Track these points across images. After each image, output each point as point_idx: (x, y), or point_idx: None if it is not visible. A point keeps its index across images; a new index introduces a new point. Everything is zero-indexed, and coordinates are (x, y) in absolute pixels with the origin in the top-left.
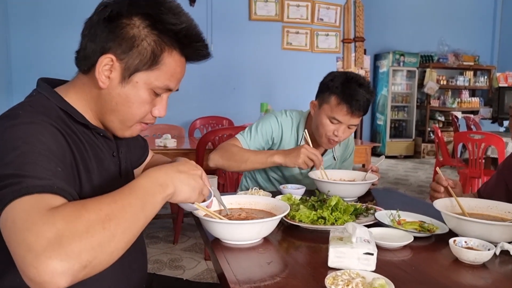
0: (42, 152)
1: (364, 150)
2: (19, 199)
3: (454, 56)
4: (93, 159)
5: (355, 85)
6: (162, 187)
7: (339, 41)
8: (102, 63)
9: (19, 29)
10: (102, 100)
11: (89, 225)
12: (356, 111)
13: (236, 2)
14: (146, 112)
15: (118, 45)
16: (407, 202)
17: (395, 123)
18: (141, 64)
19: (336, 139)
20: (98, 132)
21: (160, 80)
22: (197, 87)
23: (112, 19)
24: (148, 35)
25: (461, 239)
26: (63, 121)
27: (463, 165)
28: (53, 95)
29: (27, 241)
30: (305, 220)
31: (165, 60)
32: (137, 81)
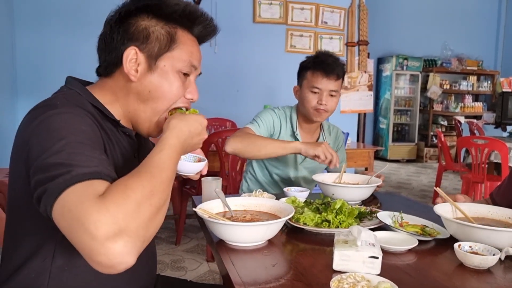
0: (85, 142)
1: (367, 153)
2: (72, 187)
3: (457, 61)
4: (120, 157)
5: (324, 55)
6: (176, 148)
7: (343, 44)
8: (127, 58)
9: (24, 29)
10: (135, 93)
11: (139, 203)
12: (331, 74)
13: (240, 5)
14: (179, 95)
15: (136, 39)
16: (411, 206)
17: (397, 127)
18: (162, 48)
19: (322, 107)
20: (125, 131)
21: (182, 58)
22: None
23: (122, 21)
24: (158, 22)
25: (465, 244)
26: (95, 117)
27: (466, 170)
28: (84, 92)
29: (88, 230)
30: (309, 223)
31: (181, 38)
32: (164, 64)
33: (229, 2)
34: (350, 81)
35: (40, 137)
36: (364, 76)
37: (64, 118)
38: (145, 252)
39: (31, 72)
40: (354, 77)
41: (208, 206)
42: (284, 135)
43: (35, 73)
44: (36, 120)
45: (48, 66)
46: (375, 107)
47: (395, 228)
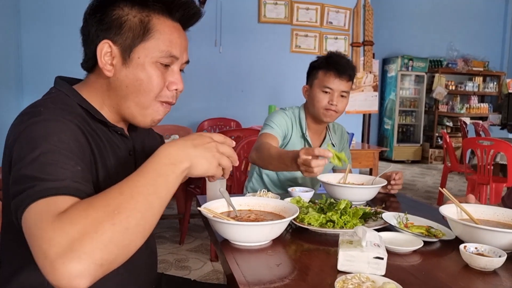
0: (61, 152)
1: (372, 154)
2: (35, 203)
3: (463, 62)
4: (112, 157)
5: (336, 56)
6: (175, 164)
7: (348, 44)
8: (101, 52)
9: (30, 27)
10: (114, 89)
11: (97, 223)
12: (343, 75)
13: (246, 4)
14: (159, 87)
15: (109, 30)
16: (416, 207)
17: (402, 127)
18: (135, 39)
19: (333, 107)
20: (116, 130)
21: (159, 48)
22: (205, 88)
23: (97, 11)
24: (131, 10)
25: (471, 245)
26: (83, 119)
27: (472, 171)
28: (72, 92)
29: (42, 249)
30: (314, 223)
31: (157, 27)
32: (138, 56)
33: (234, 2)
34: (355, 81)
35: (19, 145)
36: (369, 77)
37: (45, 127)
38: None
39: (37, 70)
40: (359, 77)
41: (213, 205)
42: (294, 137)
43: (40, 70)
44: (20, 127)
45: (54, 63)
46: (380, 108)
47: (400, 229)
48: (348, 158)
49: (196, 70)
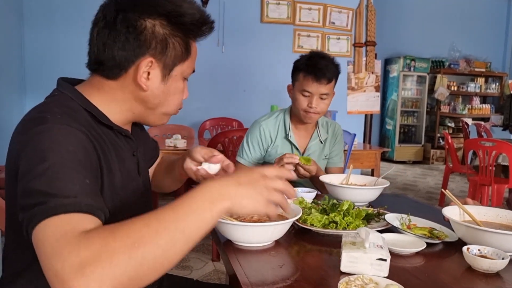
0: (70, 165)
1: (373, 155)
2: (47, 220)
3: (465, 62)
4: (116, 160)
5: (317, 58)
6: (213, 203)
7: (350, 45)
8: (142, 68)
9: (33, 27)
10: (143, 101)
11: (114, 253)
12: (321, 79)
13: (248, 5)
14: (182, 100)
15: (152, 47)
16: (419, 208)
17: (404, 128)
18: (177, 59)
19: (312, 110)
20: (121, 132)
21: (190, 67)
22: (207, 88)
23: (131, 24)
24: (175, 32)
25: (474, 247)
26: (89, 123)
27: (473, 172)
28: (76, 95)
29: (55, 267)
30: (316, 224)
31: (192, 49)
32: (176, 74)
33: (237, 2)
34: (357, 82)
35: (27, 156)
36: (371, 77)
37: (52, 136)
38: None
39: (39, 70)
40: (361, 78)
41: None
42: (277, 140)
43: (43, 70)
44: (26, 135)
45: (57, 63)
46: (382, 108)
47: (403, 230)
48: (339, 156)
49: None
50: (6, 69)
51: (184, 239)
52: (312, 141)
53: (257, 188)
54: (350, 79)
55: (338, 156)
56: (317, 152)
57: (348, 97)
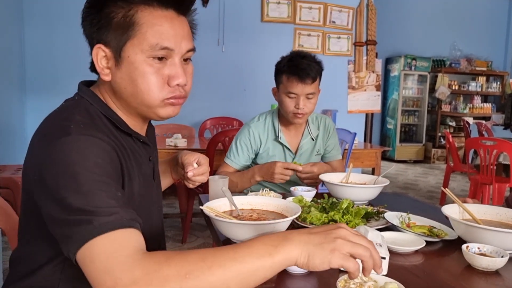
0: (101, 179)
1: (374, 154)
2: (94, 240)
3: (466, 61)
4: (135, 166)
5: (298, 58)
6: (276, 247)
7: (351, 44)
8: (97, 57)
9: (33, 27)
10: (116, 93)
11: (165, 281)
12: (305, 79)
13: (249, 4)
14: (157, 85)
15: (100, 31)
16: (418, 207)
17: (405, 127)
18: (122, 37)
19: (300, 111)
20: (138, 138)
21: (147, 42)
22: (207, 87)
23: (88, 13)
24: (116, 7)
25: (474, 245)
26: (109, 130)
27: (474, 171)
28: (95, 100)
29: (107, 284)
30: (316, 222)
31: (142, 20)
32: (128, 55)
33: (237, 1)
34: (357, 81)
35: (56, 170)
36: (372, 76)
37: (79, 149)
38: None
39: (40, 70)
40: (362, 77)
41: (215, 204)
42: (267, 143)
43: (44, 71)
44: (50, 146)
45: (57, 64)
46: (382, 107)
47: (402, 228)
48: (336, 148)
49: (198, 69)
50: (6, 68)
51: (236, 282)
52: (304, 139)
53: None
54: (350, 78)
55: (335, 149)
56: (309, 149)
57: (349, 96)
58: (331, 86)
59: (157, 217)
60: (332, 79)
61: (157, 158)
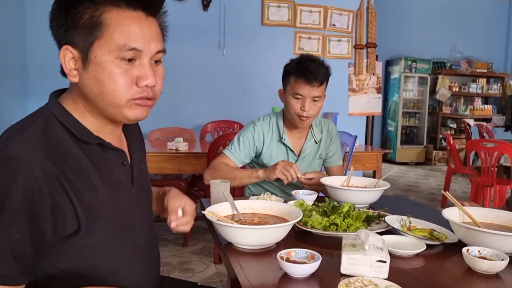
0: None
1: (375, 156)
2: None
3: (466, 63)
4: (97, 174)
5: (307, 61)
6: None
7: (351, 46)
8: (64, 58)
9: (36, 31)
10: (84, 94)
11: None
12: (313, 81)
13: (249, 7)
14: (124, 86)
15: (67, 32)
16: (419, 210)
17: (406, 129)
18: (89, 38)
19: (305, 113)
20: (104, 145)
21: (115, 43)
22: (208, 91)
23: (55, 15)
24: (83, 5)
25: (474, 249)
26: (58, 145)
27: (475, 173)
28: (58, 109)
29: None
30: (317, 226)
31: (109, 20)
32: (95, 56)
33: (238, 5)
34: (358, 83)
35: None
36: (373, 79)
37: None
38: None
39: (42, 75)
40: (362, 79)
41: (217, 209)
42: (271, 143)
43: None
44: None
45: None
46: (383, 110)
47: (403, 232)
48: (338, 153)
49: (199, 73)
50: (8, 73)
51: None
52: (307, 142)
53: None
54: (351, 80)
55: (336, 154)
56: (312, 153)
57: (349, 99)
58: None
59: (141, 221)
60: (332, 82)
61: (142, 158)
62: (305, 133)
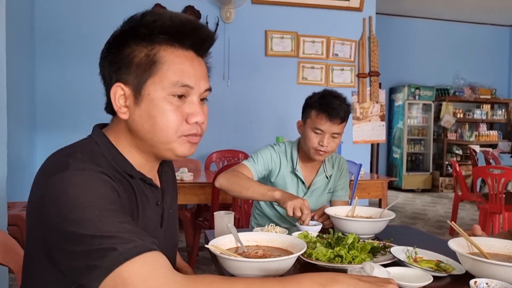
0: (109, 207)
1: (381, 184)
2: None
3: (470, 89)
4: (140, 207)
5: (330, 97)
6: (324, 286)
7: (354, 75)
8: (115, 95)
9: (45, 64)
10: (134, 131)
11: None
12: (334, 118)
13: (253, 39)
14: (175, 122)
15: (119, 70)
16: (425, 240)
17: (411, 156)
18: (143, 75)
19: (323, 148)
20: (144, 180)
21: (168, 80)
22: (213, 121)
23: (108, 53)
24: (138, 46)
25: (482, 281)
26: (113, 168)
27: (483, 200)
28: (103, 141)
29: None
30: (322, 258)
31: (164, 58)
32: (148, 93)
33: (242, 37)
34: (362, 111)
35: (57, 206)
36: (376, 107)
37: (78, 183)
38: None
39: (50, 107)
40: (366, 107)
41: (220, 241)
42: (284, 171)
43: (54, 108)
44: (48, 180)
45: (67, 101)
46: (388, 137)
47: (409, 264)
48: (345, 189)
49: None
50: (17, 105)
51: None
52: (318, 176)
53: None
54: (355, 109)
55: (343, 190)
56: (322, 187)
57: (354, 127)
58: None
59: None
60: None
61: (172, 202)
62: (317, 167)
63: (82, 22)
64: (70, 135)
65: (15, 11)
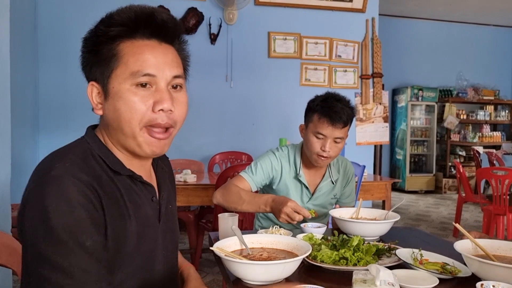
0: (76, 223)
1: (384, 186)
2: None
3: (473, 91)
4: (130, 206)
5: (333, 100)
6: None
7: (357, 77)
8: (91, 93)
9: (48, 68)
10: (108, 126)
11: None
12: (337, 123)
13: (256, 40)
14: (140, 112)
15: (91, 69)
16: (430, 242)
17: (414, 157)
18: (107, 70)
19: (325, 154)
20: (135, 178)
21: (129, 70)
22: (216, 122)
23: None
24: (102, 43)
25: (488, 283)
26: (97, 171)
27: (487, 201)
28: (94, 141)
29: None
30: (327, 260)
31: (124, 51)
32: (113, 86)
33: (245, 38)
34: (365, 113)
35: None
36: (379, 108)
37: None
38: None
39: (53, 109)
40: (369, 109)
41: (225, 243)
42: (286, 176)
43: (56, 110)
44: (33, 184)
45: (69, 103)
46: (391, 138)
47: (414, 266)
48: (352, 196)
49: (207, 105)
50: (21, 108)
51: None
52: (324, 182)
53: None
54: (358, 110)
55: (350, 197)
56: (327, 192)
57: (357, 128)
58: None
59: (162, 262)
60: None
61: (170, 198)
62: (323, 172)
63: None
64: (73, 137)
65: (18, 14)
